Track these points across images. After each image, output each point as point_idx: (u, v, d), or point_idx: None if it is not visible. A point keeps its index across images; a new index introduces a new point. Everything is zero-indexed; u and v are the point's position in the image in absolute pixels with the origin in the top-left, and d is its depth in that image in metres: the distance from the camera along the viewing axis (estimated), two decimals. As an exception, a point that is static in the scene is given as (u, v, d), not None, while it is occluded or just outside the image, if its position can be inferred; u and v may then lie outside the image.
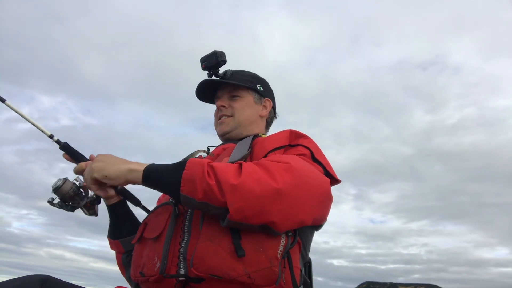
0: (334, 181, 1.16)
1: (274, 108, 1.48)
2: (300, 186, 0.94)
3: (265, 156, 1.12)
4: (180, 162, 1.00)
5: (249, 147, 1.18)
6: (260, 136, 1.30)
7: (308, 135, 1.21)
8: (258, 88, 1.41)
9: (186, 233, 1.01)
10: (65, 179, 1.11)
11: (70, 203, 1.12)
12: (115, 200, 1.21)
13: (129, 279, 1.21)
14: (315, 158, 1.13)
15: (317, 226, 1.13)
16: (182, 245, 0.99)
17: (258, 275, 0.91)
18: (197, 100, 1.46)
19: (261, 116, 1.42)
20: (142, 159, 1.29)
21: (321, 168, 1.12)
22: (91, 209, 1.17)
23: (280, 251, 0.94)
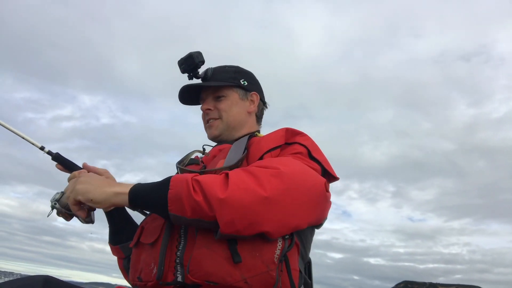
0: (332, 178, 1.14)
1: (262, 100, 1.42)
2: (291, 191, 0.93)
3: (261, 157, 1.11)
4: (164, 180, 0.97)
5: (245, 149, 1.15)
6: (256, 135, 1.27)
7: (304, 132, 1.18)
8: (242, 83, 1.35)
9: (182, 238, 1.01)
10: (63, 193, 1.13)
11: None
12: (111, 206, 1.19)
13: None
14: (312, 155, 1.10)
15: (318, 224, 1.12)
16: (179, 250, 0.99)
17: (255, 280, 0.91)
18: None
19: (249, 112, 1.36)
20: (177, 155, 1.34)
21: (318, 166, 1.09)
22: (86, 217, 1.17)
23: (277, 255, 0.94)
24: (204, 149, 1.34)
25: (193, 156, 1.30)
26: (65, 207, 1.13)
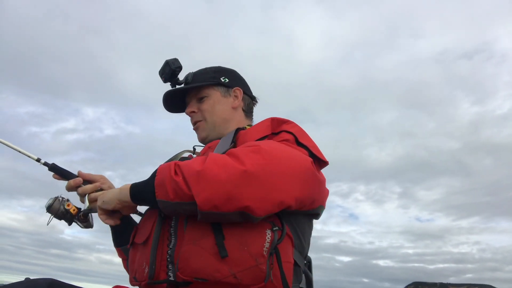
0: (323, 163, 1.11)
1: (248, 94, 1.39)
2: (272, 165, 0.90)
3: None
4: (154, 171, 0.98)
5: (232, 141, 1.14)
6: (244, 128, 1.25)
7: (291, 119, 1.15)
8: (223, 80, 1.33)
9: (173, 236, 1.00)
10: (56, 198, 1.17)
11: (63, 219, 1.18)
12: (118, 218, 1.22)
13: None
14: (299, 142, 1.07)
15: (314, 214, 1.09)
16: (170, 248, 0.99)
17: (244, 274, 0.89)
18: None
19: (234, 108, 1.33)
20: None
21: (305, 151, 1.06)
22: (84, 221, 1.20)
23: (266, 248, 0.91)
24: (194, 149, 1.33)
25: (185, 155, 1.29)
26: (57, 214, 1.15)
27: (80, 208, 1.18)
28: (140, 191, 1.01)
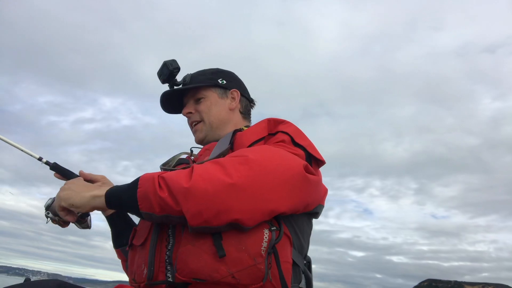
0: (320, 162, 1.11)
1: (246, 96, 1.40)
2: (260, 176, 0.91)
3: None
4: (135, 180, 0.98)
5: (230, 143, 1.14)
6: (242, 129, 1.25)
7: (287, 119, 1.15)
8: (220, 82, 1.34)
9: (171, 237, 1.01)
10: (55, 198, 1.15)
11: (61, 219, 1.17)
12: (111, 210, 1.25)
13: None
14: (296, 141, 1.08)
15: (313, 213, 1.10)
16: (168, 249, 1.00)
17: (243, 274, 0.90)
18: (251, 94, 1.43)
19: (231, 109, 1.34)
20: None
21: (301, 152, 1.06)
22: (82, 223, 1.20)
23: (264, 247, 0.92)
24: (191, 151, 1.34)
25: (183, 157, 1.30)
26: (56, 213, 1.14)
27: None
28: (119, 201, 1.00)
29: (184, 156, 1.31)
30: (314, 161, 1.08)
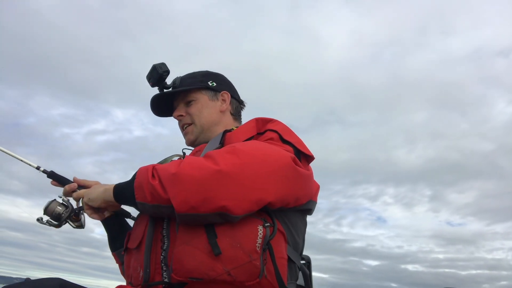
0: (310, 158, 1.12)
1: (236, 98, 1.40)
2: (248, 164, 0.92)
3: None
4: (135, 173, 1.02)
5: (220, 143, 1.15)
6: (231, 130, 1.26)
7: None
8: (210, 84, 1.34)
9: (165, 238, 1.01)
10: (53, 200, 1.22)
11: (58, 221, 1.22)
12: (106, 214, 1.25)
13: None
14: (284, 139, 1.08)
15: (306, 210, 1.10)
16: (164, 250, 1.00)
17: (239, 271, 0.90)
18: (261, 103, 1.44)
19: (222, 111, 1.34)
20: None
21: (290, 148, 1.07)
22: (76, 221, 1.24)
23: (259, 243, 0.92)
24: (184, 153, 1.35)
25: (175, 159, 1.29)
26: (52, 214, 1.19)
27: (67, 207, 1.23)
28: (122, 192, 1.06)
29: (176, 159, 1.31)
30: (304, 157, 1.09)
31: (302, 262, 1.15)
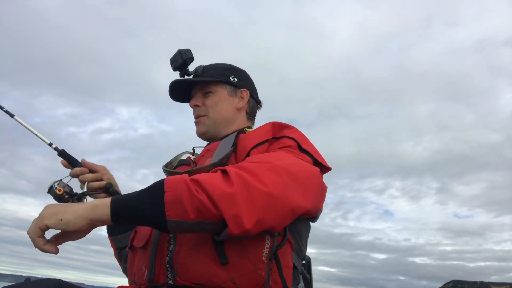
0: (325, 169, 1.11)
1: (254, 97, 1.36)
2: (289, 183, 0.91)
3: (248, 152, 1.08)
4: (154, 184, 0.86)
5: (233, 145, 1.13)
6: (245, 131, 1.24)
7: (292, 125, 1.14)
8: (232, 79, 1.30)
9: (172, 240, 1.00)
10: (59, 181, 1.20)
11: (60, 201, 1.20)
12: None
13: (123, 271, 1.31)
14: (302, 148, 1.07)
15: (313, 217, 1.10)
16: (170, 252, 0.99)
17: (244, 280, 0.90)
18: (265, 99, 1.41)
19: (238, 109, 1.31)
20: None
21: (309, 158, 1.06)
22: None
23: (265, 253, 0.92)
24: (194, 151, 1.32)
25: (184, 157, 1.29)
26: (56, 195, 1.16)
27: (72, 190, 1.21)
28: (133, 210, 0.85)
29: (185, 156, 1.30)
30: (320, 167, 1.08)
31: (303, 262, 1.16)
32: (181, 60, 1.26)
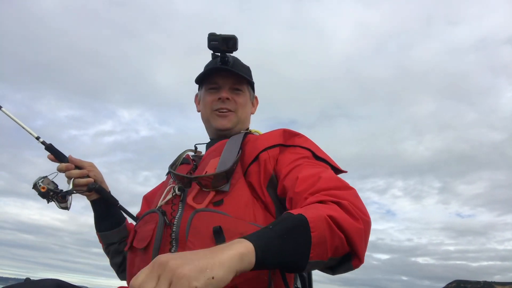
0: (341, 172, 1.12)
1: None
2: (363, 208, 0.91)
3: (257, 155, 1.08)
4: (294, 223, 0.75)
5: (240, 148, 1.13)
6: (251, 132, 1.23)
7: (294, 125, 1.14)
8: (252, 83, 1.32)
9: (174, 242, 1.00)
10: (44, 177, 1.21)
11: (44, 198, 1.21)
12: (94, 196, 1.26)
13: (112, 265, 1.34)
14: (318, 156, 1.10)
15: None
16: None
17: (246, 284, 0.89)
18: (266, 100, 1.42)
19: (251, 114, 1.34)
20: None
21: (327, 165, 1.08)
22: (62, 202, 1.23)
23: None
24: (196, 148, 1.31)
25: (185, 156, 1.28)
26: (40, 192, 1.19)
27: (57, 187, 1.23)
28: (278, 254, 0.71)
29: (189, 153, 1.29)
30: (336, 172, 1.09)
31: None
32: (234, 47, 1.20)
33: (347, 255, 0.83)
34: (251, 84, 1.31)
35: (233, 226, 0.94)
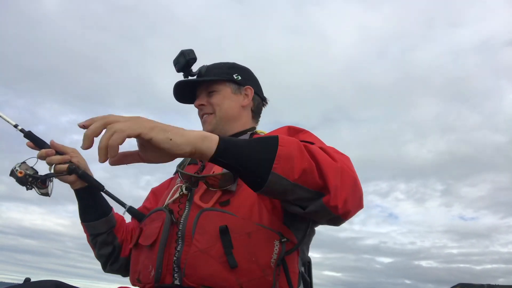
0: None
1: (259, 94, 1.36)
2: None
3: None
4: (266, 137, 0.81)
5: None
6: (257, 133, 1.24)
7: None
8: (235, 77, 1.29)
9: (180, 240, 1.00)
10: (23, 162, 1.16)
11: (22, 185, 1.15)
12: (79, 185, 1.21)
13: (98, 257, 1.28)
14: (323, 149, 1.05)
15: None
16: (177, 251, 0.99)
17: (251, 285, 0.90)
18: (267, 106, 1.40)
19: (243, 106, 1.30)
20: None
21: None
22: (42, 189, 1.17)
23: (274, 259, 0.92)
24: None
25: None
26: (18, 178, 1.14)
27: (36, 173, 1.17)
28: (240, 152, 0.77)
29: None
30: None
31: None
32: (184, 60, 1.24)
33: (319, 192, 0.81)
34: (232, 80, 1.29)
35: (239, 226, 0.95)
